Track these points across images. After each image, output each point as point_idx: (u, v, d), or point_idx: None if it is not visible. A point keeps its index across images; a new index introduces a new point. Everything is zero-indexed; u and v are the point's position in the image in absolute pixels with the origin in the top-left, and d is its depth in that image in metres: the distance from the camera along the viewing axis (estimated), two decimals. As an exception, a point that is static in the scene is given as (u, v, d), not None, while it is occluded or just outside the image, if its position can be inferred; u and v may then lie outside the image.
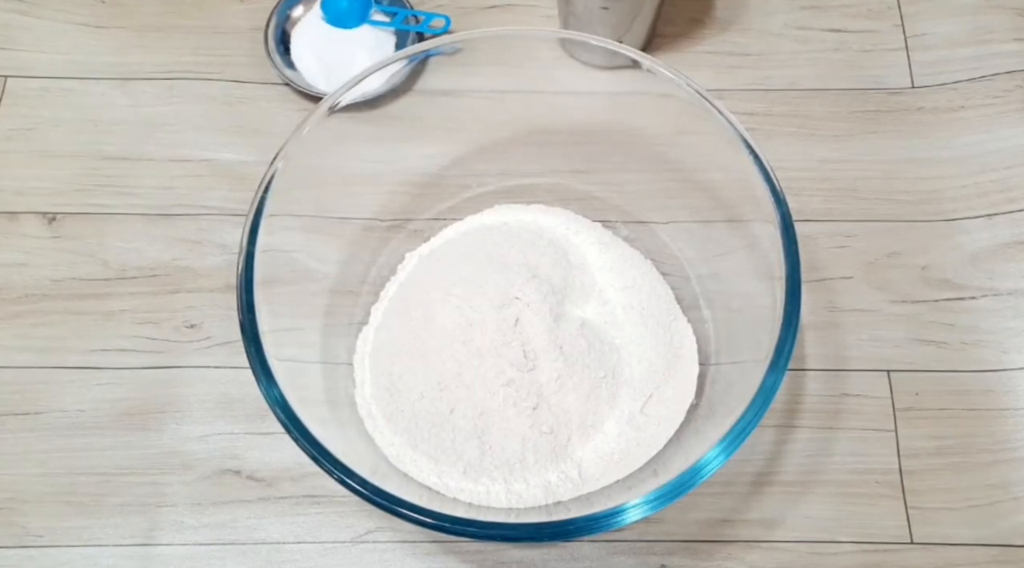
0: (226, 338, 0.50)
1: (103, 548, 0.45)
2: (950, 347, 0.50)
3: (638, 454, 0.44)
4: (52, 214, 0.53)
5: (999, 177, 0.54)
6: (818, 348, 0.49)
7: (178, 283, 0.51)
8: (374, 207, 0.51)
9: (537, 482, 0.43)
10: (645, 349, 0.46)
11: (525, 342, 0.44)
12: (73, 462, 0.47)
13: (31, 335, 0.50)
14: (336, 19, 0.58)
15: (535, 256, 0.47)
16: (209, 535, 0.45)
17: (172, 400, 0.48)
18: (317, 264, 0.49)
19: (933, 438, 0.47)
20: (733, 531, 0.45)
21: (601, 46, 0.47)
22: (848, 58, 0.58)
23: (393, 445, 0.45)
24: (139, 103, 0.57)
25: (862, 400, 0.48)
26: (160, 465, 0.47)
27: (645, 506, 0.37)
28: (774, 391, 0.38)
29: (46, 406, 0.48)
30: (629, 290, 0.48)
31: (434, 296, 0.46)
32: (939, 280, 0.51)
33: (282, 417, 0.38)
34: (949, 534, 0.45)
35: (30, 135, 0.56)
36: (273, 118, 0.56)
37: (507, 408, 0.43)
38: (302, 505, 0.46)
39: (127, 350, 0.50)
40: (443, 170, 0.52)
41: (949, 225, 0.53)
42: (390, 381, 0.45)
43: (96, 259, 0.52)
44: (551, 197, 0.52)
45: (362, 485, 0.37)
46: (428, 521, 0.36)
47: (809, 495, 0.46)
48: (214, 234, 0.53)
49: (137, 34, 0.59)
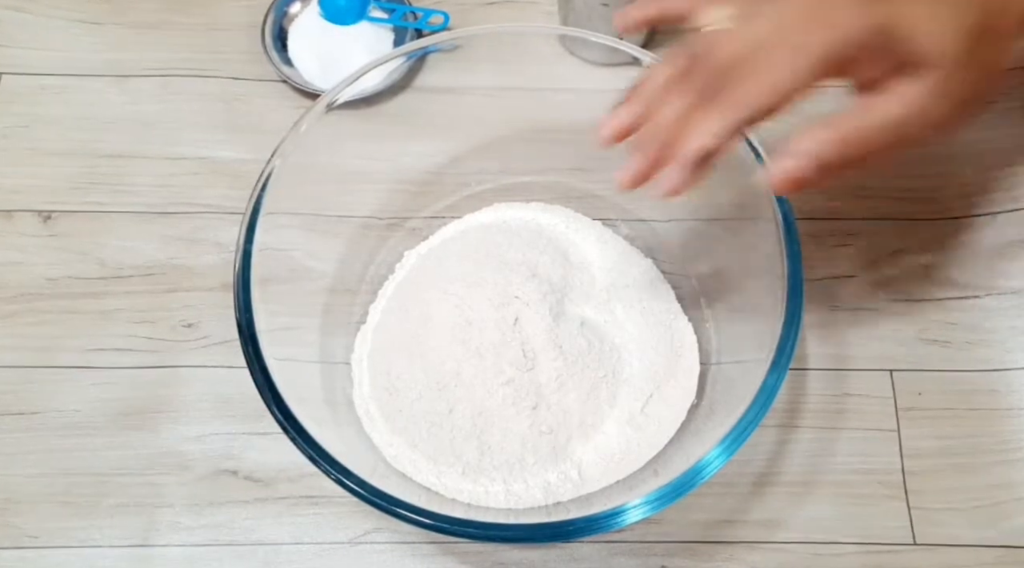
0: (223, 337, 0.50)
1: (99, 549, 0.45)
2: (953, 346, 0.49)
3: (638, 454, 0.44)
4: (47, 212, 0.53)
5: (1003, 175, 0.53)
6: (820, 347, 0.49)
7: (174, 282, 0.51)
8: (372, 205, 0.51)
9: (536, 482, 0.43)
10: (645, 348, 0.46)
11: (524, 341, 0.44)
12: (69, 462, 0.47)
13: (26, 334, 0.50)
14: (334, 16, 0.57)
15: (534, 255, 0.47)
16: (206, 536, 0.45)
17: (169, 400, 0.48)
18: (315, 263, 0.49)
19: (936, 438, 0.47)
20: (734, 532, 0.45)
21: (601, 43, 0.47)
22: None
23: (391, 445, 0.44)
24: (135, 100, 0.56)
25: (864, 400, 0.48)
26: (157, 465, 0.47)
27: (645, 507, 0.36)
28: (776, 391, 0.37)
29: (42, 406, 0.48)
30: (629, 289, 0.48)
31: (433, 295, 0.46)
32: (942, 279, 0.51)
33: (279, 417, 0.38)
34: (952, 535, 0.45)
35: (25, 133, 0.55)
36: (270, 115, 0.56)
37: (506, 408, 0.43)
38: (300, 506, 0.46)
39: (123, 349, 0.49)
40: (442, 168, 0.52)
41: (952, 224, 0.52)
42: (388, 381, 0.45)
43: (92, 258, 0.52)
44: (550, 195, 0.52)
45: (360, 485, 0.37)
46: (427, 522, 0.36)
47: (811, 496, 0.46)
48: (211, 232, 0.52)
49: (133, 31, 0.58)
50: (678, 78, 0.35)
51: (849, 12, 0.33)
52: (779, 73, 0.33)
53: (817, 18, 0.33)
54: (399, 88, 0.53)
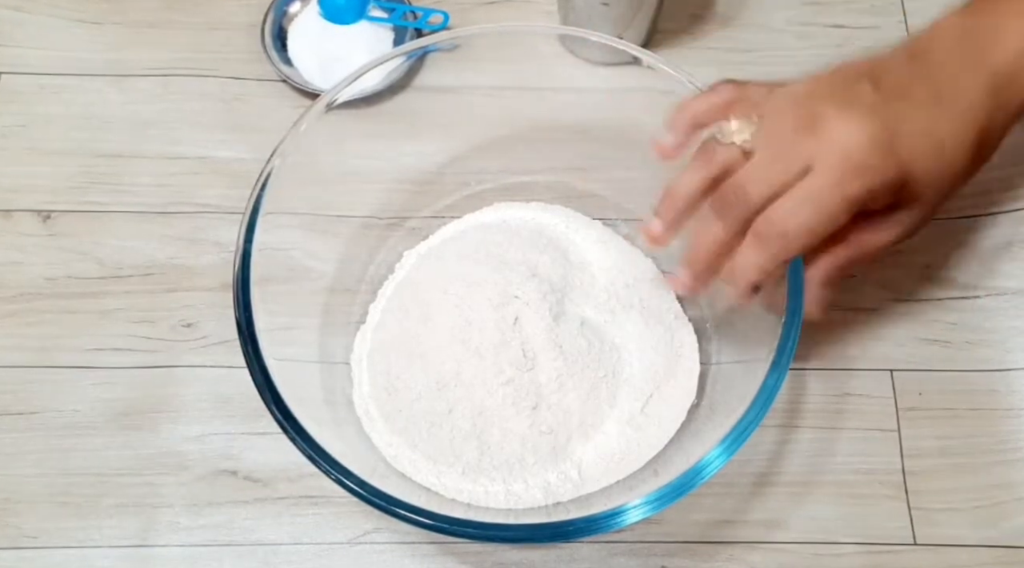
0: (222, 337, 0.49)
1: (98, 549, 0.45)
2: (954, 346, 0.49)
3: (638, 454, 0.44)
4: (46, 212, 0.53)
5: (1003, 175, 0.53)
6: (820, 347, 0.49)
7: (174, 282, 0.51)
8: (372, 205, 0.51)
9: (536, 483, 0.43)
10: (645, 348, 0.46)
11: (524, 341, 0.43)
12: (68, 462, 0.47)
13: (25, 334, 0.49)
14: (333, 15, 0.57)
15: (535, 254, 0.47)
16: (205, 536, 0.45)
17: (168, 400, 0.48)
18: (314, 262, 0.48)
19: (936, 438, 0.47)
20: (734, 532, 0.45)
21: (601, 42, 0.46)
22: (851, 54, 0.56)
23: (391, 445, 0.44)
24: (134, 100, 0.56)
25: (865, 400, 0.48)
26: (156, 465, 0.46)
27: (645, 507, 0.36)
28: (776, 391, 0.37)
29: (40, 406, 0.48)
30: (629, 288, 0.48)
31: (433, 295, 0.46)
32: (942, 278, 0.51)
33: (279, 417, 0.38)
34: (953, 535, 0.45)
35: (24, 132, 0.55)
36: (270, 115, 0.56)
37: (506, 408, 0.43)
38: (299, 506, 0.46)
39: (122, 349, 0.49)
40: (442, 167, 0.52)
41: (953, 223, 0.52)
42: (388, 380, 0.45)
43: (91, 257, 0.51)
44: (551, 195, 0.52)
45: (360, 485, 0.36)
46: (426, 522, 0.36)
47: (811, 496, 0.46)
48: (210, 232, 0.52)
49: (132, 30, 0.58)
50: (717, 204, 0.39)
51: (875, 163, 0.36)
52: (816, 218, 0.36)
53: (851, 166, 0.36)
54: (399, 87, 0.53)
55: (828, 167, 0.36)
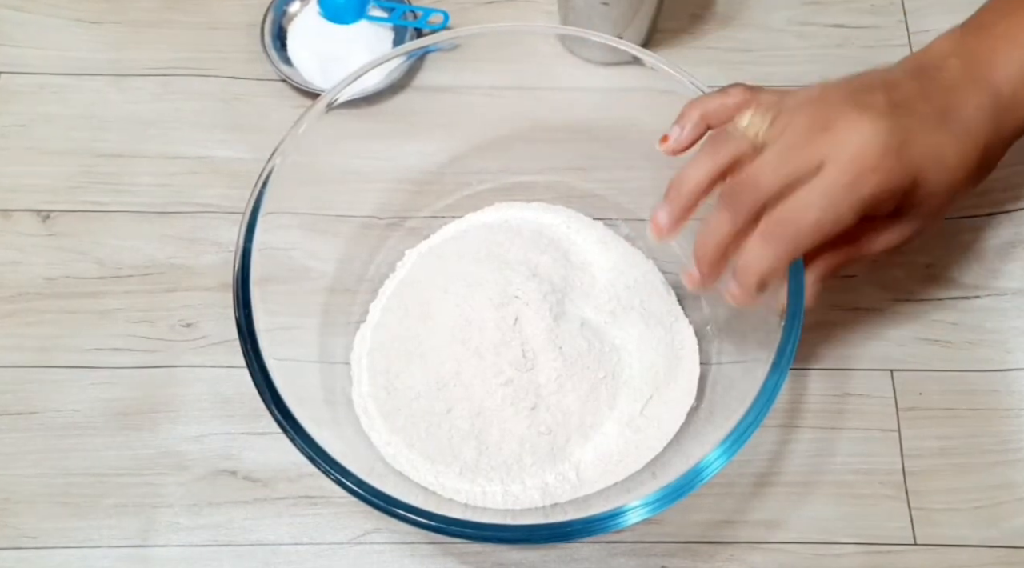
0: (222, 337, 0.49)
1: (98, 549, 0.45)
2: (954, 346, 0.49)
3: (637, 456, 0.44)
4: (46, 212, 0.53)
5: (1003, 175, 0.53)
6: (820, 347, 0.49)
7: (173, 281, 0.51)
8: (372, 204, 0.51)
9: (534, 484, 0.43)
10: (646, 350, 0.46)
11: (524, 341, 0.43)
12: (67, 462, 0.46)
13: (25, 334, 0.49)
14: (333, 15, 0.57)
15: (535, 254, 0.47)
16: (205, 536, 0.45)
17: (167, 400, 0.48)
18: (314, 262, 0.48)
19: (937, 438, 0.47)
20: (734, 532, 0.45)
21: (601, 42, 0.46)
22: (851, 54, 0.58)
23: (390, 444, 0.44)
24: (134, 100, 0.56)
25: (865, 400, 0.48)
26: (155, 465, 0.46)
27: (644, 509, 0.36)
28: (776, 392, 0.37)
29: (40, 406, 0.48)
30: (630, 289, 0.48)
31: (433, 294, 0.46)
32: (943, 278, 0.51)
33: (278, 417, 0.38)
34: (953, 535, 0.45)
35: (24, 132, 0.55)
36: (270, 115, 0.56)
37: (505, 408, 0.43)
38: (299, 506, 0.46)
39: (122, 349, 0.49)
40: (442, 167, 0.52)
41: (953, 223, 0.52)
42: (387, 380, 0.45)
43: (90, 257, 0.51)
44: (551, 195, 0.52)
45: (359, 486, 0.36)
46: (425, 522, 0.36)
47: (811, 496, 0.46)
48: (210, 232, 0.52)
49: (132, 30, 0.58)
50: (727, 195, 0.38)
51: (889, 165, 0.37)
52: (827, 214, 0.36)
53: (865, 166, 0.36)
54: (399, 87, 0.53)
55: (842, 166, 0.36)
